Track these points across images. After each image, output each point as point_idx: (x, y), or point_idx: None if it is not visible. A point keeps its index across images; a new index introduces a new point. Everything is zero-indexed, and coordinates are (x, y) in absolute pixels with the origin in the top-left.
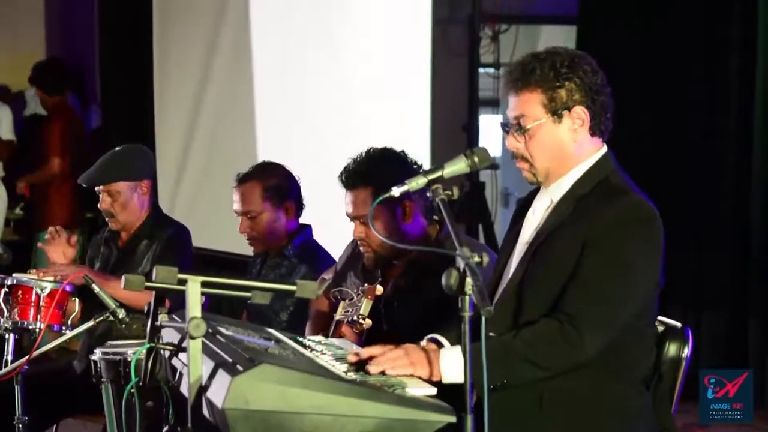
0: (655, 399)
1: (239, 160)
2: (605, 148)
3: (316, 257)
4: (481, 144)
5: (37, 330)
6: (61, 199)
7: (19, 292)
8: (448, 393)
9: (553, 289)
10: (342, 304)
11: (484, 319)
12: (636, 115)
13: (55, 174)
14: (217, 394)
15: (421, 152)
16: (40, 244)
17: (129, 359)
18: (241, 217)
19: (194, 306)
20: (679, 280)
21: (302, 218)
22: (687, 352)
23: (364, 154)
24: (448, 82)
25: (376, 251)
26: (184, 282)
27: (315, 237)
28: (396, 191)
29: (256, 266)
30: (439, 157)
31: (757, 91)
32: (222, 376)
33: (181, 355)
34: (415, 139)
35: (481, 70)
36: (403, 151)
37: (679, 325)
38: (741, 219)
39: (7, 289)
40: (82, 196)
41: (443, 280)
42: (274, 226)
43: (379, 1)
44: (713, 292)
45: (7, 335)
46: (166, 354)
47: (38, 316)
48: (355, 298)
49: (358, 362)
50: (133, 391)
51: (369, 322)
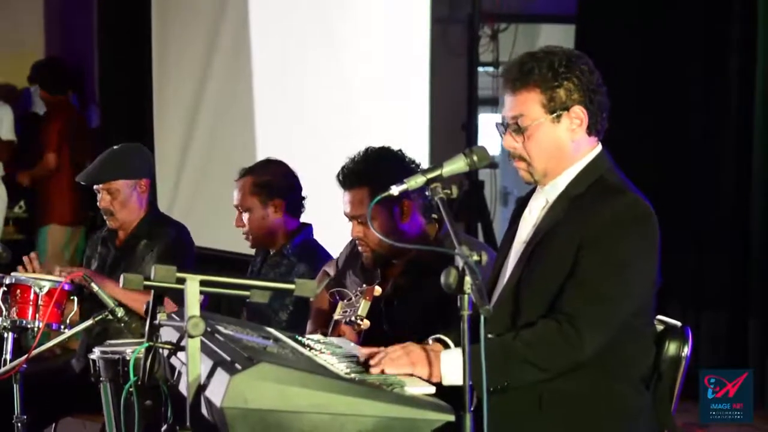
0: (655, 398)
1: (238, 159)
2: (600, 147)
3: (315, 256)
4: (480, 143)
5: (36, 329)
6: (62, 196)
7: (18, 291)
8: (447, 392)
9: (551, 289)
10: (340, 304)
11: (483, 318)
12: (635, 114)
13: (51, 169)
14: (215, 393)
15: (420, 151)
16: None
17: (127, 358)
18: (237, 211)
19: (193, 305)
20: (679, 280)
21: (301, 217)
22: (687, 351)
23: (361, 154)
24: (448, 81)
25: (374, 251)
26: (182, 281)
27: (315, 236)
28: (395, 190)
29: (256, 265)
30: (438, 156)
31: (757, 90)
32: (221, 375)
33: (180, 354)
34: (414, 138)
35: (481, 69)
36: (401, 150)
37: (678, 324)
38: (741, 219)
39: (5, 288)
40: (83, 192)
41: (442, 279)
42: (262, 222)
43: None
44: (713, 292)
45: (5, 334)
46: (165, 353)
47: (37, 315)
48: (354, 298)
49: (359, 361)
50: (131, 390)
51: (367, 323)
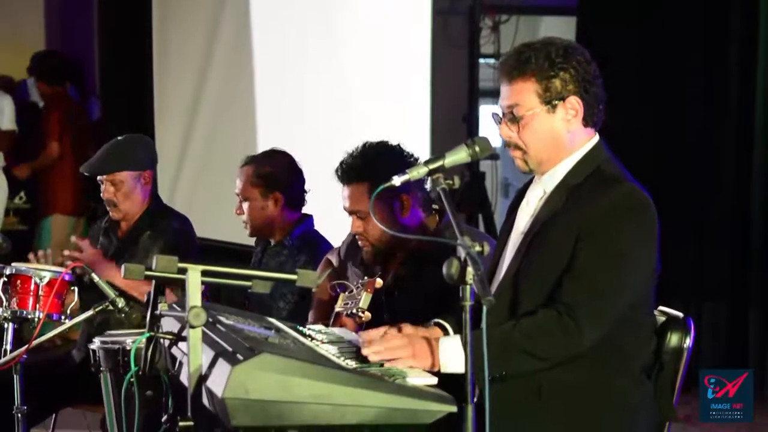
0: (656, 389)
1: (239, 151)
2: (597, 137)
3: (316, 247)
4: (481, 134)
5: (36, 319)
6: (65, 185)
7: (18, 282)
8: (448, 383)
9: (549, 279)
10: (342, 296)
11: (485, 308)
12: (635, 106)
13: (54, 158)
14: (217, 384)
15: (421, 143)
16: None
17: (128, 348)
18: (238, 199)
19: (194, 295)
20: (680, 272)
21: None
22: (689, 342)
23: (359, 149)
24: (449, 72)
25: (374, 245)
26: (184, 271)
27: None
28: (397, 180)
29: (257, 255)
30: (440, 148)
31: (758, 81)
32: (222, 365)
33: (181, 344)
34: (415, 130)
35: (482, 61)
36: (399, 145)
37: (680, 315)
38: (741, 210)
39: (5, 279)
40: (86, 182)
41: (444, 270)
42: (260, 213)
43: None
44: (714, 284)
45: (6, 325)
46: (166, 343)
47: (37, 306)
48: (355, 291)
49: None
50: (132, 380)
51: (368, 315)
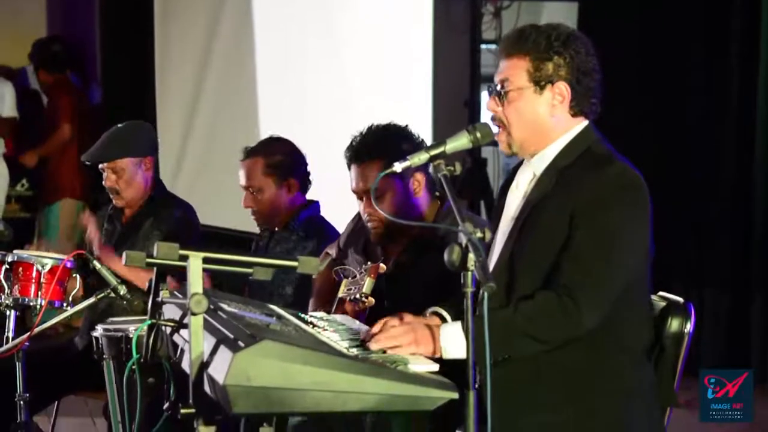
0: (657, 375)
1: (241, 137)
2: (587, 121)
3: (323, 232)
4: (482, 120)
5: (38, 306)
6: (71, 170)
7: (20, 269)
8: (449, 369)
9: (544, 262)
10: (344, 282)
11: (486, 294)
12: (636, 95)
13: (66, 141)
14: (218, 371)
15: (423, 128)
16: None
17: (130, 336)
18: (245, 191)
19: (196, 282)
20: (682, 261)
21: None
22: (689, 327)
23: (369, 129)
24: (450, 58)
25: (386, 225)
26: (185, 258)
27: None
28: (398, 167)
29: (263, 240)
30: (441, 133)
31: (760, 70)
32: (224, 352)
33: (183, 332)
34: (417, 115)
35: (483, 47)
36: (407, 126)
37: (681, 300)
38: (743, 201)
39: (7, 266)
40: (90, 168)
41: (446, 256)
42: (276, 201)
43: None
44: (716, 272)
45: (8, 312)
46: (168, 330)
47: (39, 293)
48: (358, 276)
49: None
50: (134, 367)
51: (371, 300)
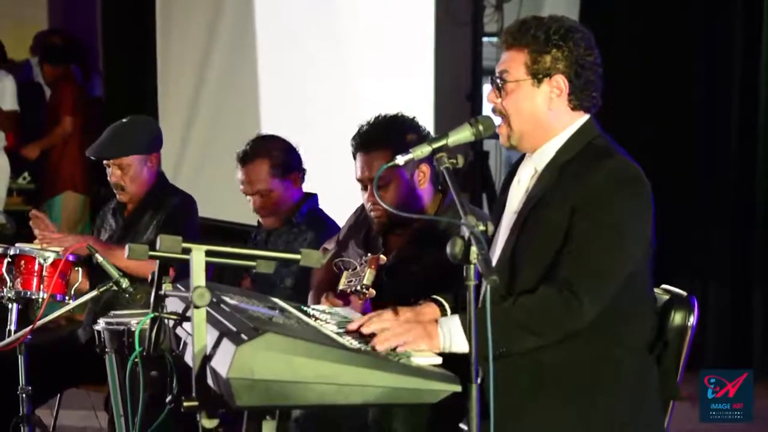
0: (660, 368)
1: (243, 130)
2: (587, 116)
3: (323, 224)
4: (484, 113)
5: (40, 300)
6: (73, 164)
7: (22, 262)
8: (452, 363)
9: (546, 257)
10: (345, 274)
11: (489, 288)
12: (638, 86)
13: (68, 132)
14: (221, 364)
15: (425, 121)
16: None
17: (132, 329)
18: (252, 197)
19: (198, 275)
20: (685, 253)
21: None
22: (693, 320)
23: (377, 118)
24: (452, 51)
25: (389, 215)
26: (188, 251)
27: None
28: (401, 159)
29: (262, 234)
30: (443, 126)
31: (762, 60)
32: (226, 345)
33: (186, 325)
34: (418, 108)
35: (485, 40)
36: (415, 118)
37: (684, 293)
38: (745, 193)
39: (10, 259)
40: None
41: (448, 249)
42: (285, 199)
43: None
44: (718, 265)
45: (10, 305)
46: (170, 323)
47: (41, 286)
48: (359, 268)
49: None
50: (137, 360)
51: (373, 292)
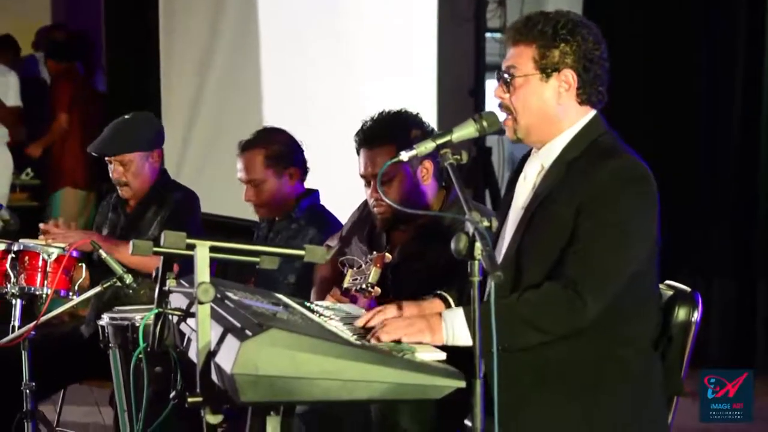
0: (665, 364)
1: (246, 125)
2: (594, 112)
3: (323, 220)
4: (487, 109)
5: (44, 296)
6: (74, 159)
7: (26, 258)
8: (456, 358)
9: (551, 254)
10: (350, 272)
11: (493, 284)
12: (640, 82)
13: (63, 130)
14: (226, 359)
15: (428, 117)
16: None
17: (136, 325)
18: (246, 185)
19: (203, 271)
20: (687, 248)
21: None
22: (697, 316)
23: (381, 114)
24: (455, 46)
25: (393, 211)
26: (192, 247)
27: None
28: (404, 156)
29: (263, 230)
30: (446, 122)
31: (765, 54)
32: (231, 341)
33: (190, 321)
34: (421, 104)
35: (488, 35)
36: (419, 114)
37: (688, 289)
38: (748, 188)
39: (13, 255)
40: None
41: (452, 245)
42: (278, 192)
43: None
44: (721, 261)
45: (14, 301)
46: (175, 319)
47: (45, 282)
48: (363, 266)
49: (365, 328)
50: (141, 356)
51: (378, 290)
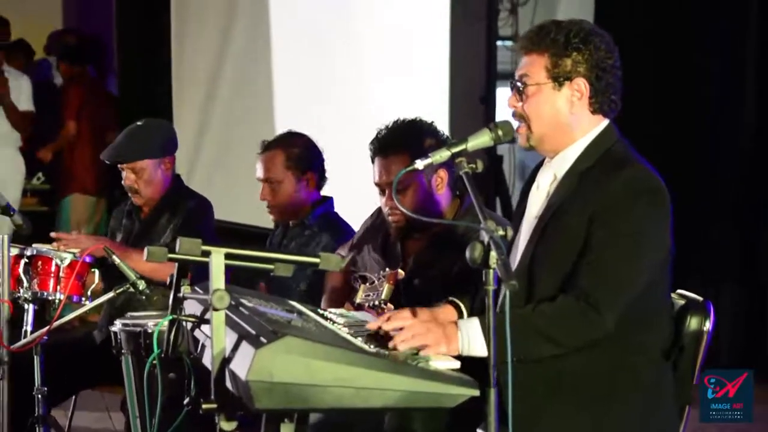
0: (676, 374)
1: (257, 131)
2: (607, 121)
3: (337, 228)
4: (498, 117)
5: (57, 301)
6: (84, 165)
7: (39, 263)
8: (470, 367)
9: (565, 264)
10: (362, 287)
11: (508, 293)
12: (651, 88)
13: (72, 136)
14: (240, 366)
15: (439, 124)
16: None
17: (149, 331)
18: (263, 184)
19: (218, 278)
20: (697, 254)
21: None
22: (708, 325)
23: (396, 122)
24: (466, 54)
25: (407, 219)
26: (207, 254)
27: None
28: (420, 164)
29: (277, 237)
30: (458, 130)
31: None
32: (245, 348)
33: (204, 327)
34: (433, 111)
35: (499, 43)
36: (433, 122)
37: (700, 298)
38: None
39: (26, 260)
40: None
41: (467, 253)
42: (294, 195)
43: None
44: (730, 264)
45: (26, 306)
46: (188, 326)
47: (58, 287)
48: (376, 282)
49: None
50: (155, 362)
51: (391, 307)
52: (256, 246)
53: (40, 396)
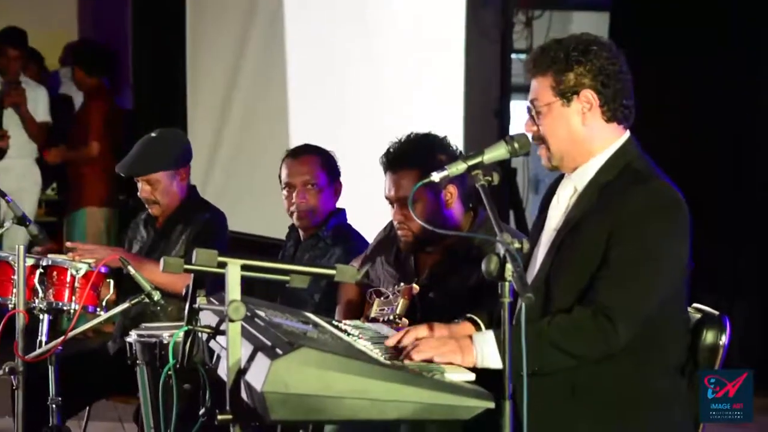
0: (691, 387)
1: (272, 144)
2: (627, 134)
3: (350, 240)
4: (513, 130)
5: (72, 311)
6: (99, 178)
7: (54, 273)
8: (485, 379)
9: (582, 278)
10: (377, 302)
11: (524, 306)
12: (666, 102)
13: (94, 157)
14: (256, 378)
15: (453, 137)
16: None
17: (165, 342)
18: (297, 190)
19: (234, 289)
20: (713, 269)
21: None
22: (724, 339)
23: (408, 137)
24: (481, 67)
25: (415, 234)
26: (224, 265)
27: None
28: (436, 176)
29: (289, 249)
30: (472, 142)
31: None
32: (261, 359)
33: (219, 338)
34: (447, 124)
35: (514, 56)
36: (446, 137)
37: (716, 313)
38: None
39: (42, 270)
40: (116, 176)
41: (483, 266)
42: (324, 202)
43: None
44: (746, 280)
45: (41, 316)
46: (204, 336)
47: (73, 298)
48: (391, 296)
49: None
50: (170, 373)
51: (405, 321)
52: (266, 257)
53: (54, 406)
